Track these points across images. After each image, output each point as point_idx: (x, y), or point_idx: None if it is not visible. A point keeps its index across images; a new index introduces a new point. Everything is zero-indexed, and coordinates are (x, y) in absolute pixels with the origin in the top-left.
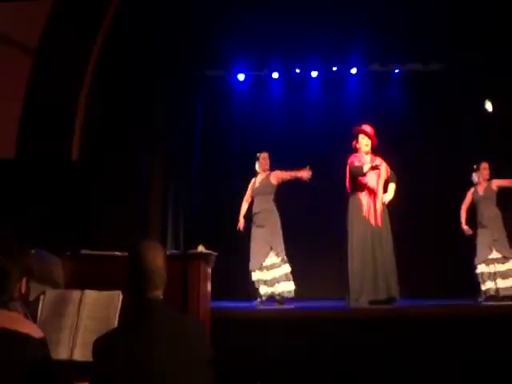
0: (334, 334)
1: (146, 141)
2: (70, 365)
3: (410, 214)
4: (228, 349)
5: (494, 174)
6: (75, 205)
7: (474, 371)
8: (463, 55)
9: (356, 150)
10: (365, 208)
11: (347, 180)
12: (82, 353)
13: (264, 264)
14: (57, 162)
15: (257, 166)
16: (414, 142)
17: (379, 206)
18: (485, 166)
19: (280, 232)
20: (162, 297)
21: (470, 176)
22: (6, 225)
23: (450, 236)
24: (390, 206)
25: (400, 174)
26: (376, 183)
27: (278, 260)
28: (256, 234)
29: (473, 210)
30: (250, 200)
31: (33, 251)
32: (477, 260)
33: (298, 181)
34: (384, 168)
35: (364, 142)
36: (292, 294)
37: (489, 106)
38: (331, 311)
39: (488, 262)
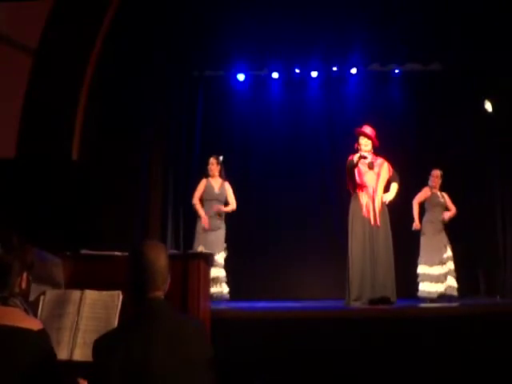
0: (334, 334)
1: (146, 141)
2: (70, 365)
3: (410, 214)
4: (228, 349)
5: (494, 174)
6: (75, 204)
7: (474, 371)
8: (463, 55)
9: (358, 151)
10: (364, 208)
11: (347, 179)
12: (82, 353)
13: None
14: (57, 161)
15: (209, 170)
16: (413, 142)
17: (378, 206)
18: (437, 173)
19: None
20: (163, 297)
21: (470, 176)
22: (6, 224)
23: (450, 236)
24: (390, 206)
25: (399, 173)
26: (375, 183)
27: (223, 262)
28: (208, 235)
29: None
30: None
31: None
32: (431, 261)
33: (297, 181)
34: (386, 168)
35: (363, 143)
36: (227, 297)
37: (488, 106)
38: (331, 311)
39: (443, 260)
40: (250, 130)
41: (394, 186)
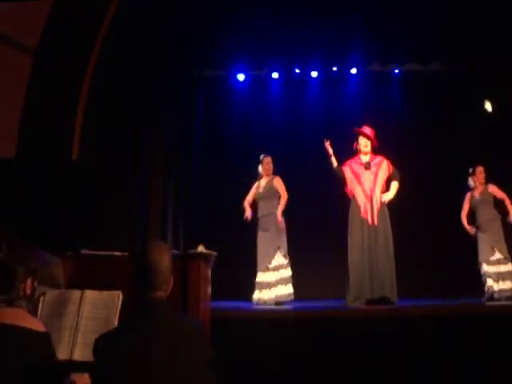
0: (334, 334)
1: (146, 141)
2: (70, 365)
3: (410, 213)
4: (228, 349)
5: (495, 175)
6: (75, 205)
7: (474, 371)
8: (463, 55)
9: (357, 151)
10: (362, 209)
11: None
12: (82, 353)
13: (270, 266)
14: (57, 161)
15: (260, 169)
16: (413, 142)
17: (376, 206)
18: (480, 170)
19: (285, 235)
20: (165, 297)
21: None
22: (6, 225)
23: (451, 236)
24: (390, 206)
25: (399, 173)
26: (373, 183)
27: (285, 261)
28: (263, 236)
29: (472, 214)
30: (251, 202)
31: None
32: (480, 259)
33: (297, 181)
34: (385, 166)
35: (363, 143)
36: (292, 297)
37: (488, 107)
38: (331, 311)
39: (491, 263)
40: (250, 130)
41: (395, 185)
